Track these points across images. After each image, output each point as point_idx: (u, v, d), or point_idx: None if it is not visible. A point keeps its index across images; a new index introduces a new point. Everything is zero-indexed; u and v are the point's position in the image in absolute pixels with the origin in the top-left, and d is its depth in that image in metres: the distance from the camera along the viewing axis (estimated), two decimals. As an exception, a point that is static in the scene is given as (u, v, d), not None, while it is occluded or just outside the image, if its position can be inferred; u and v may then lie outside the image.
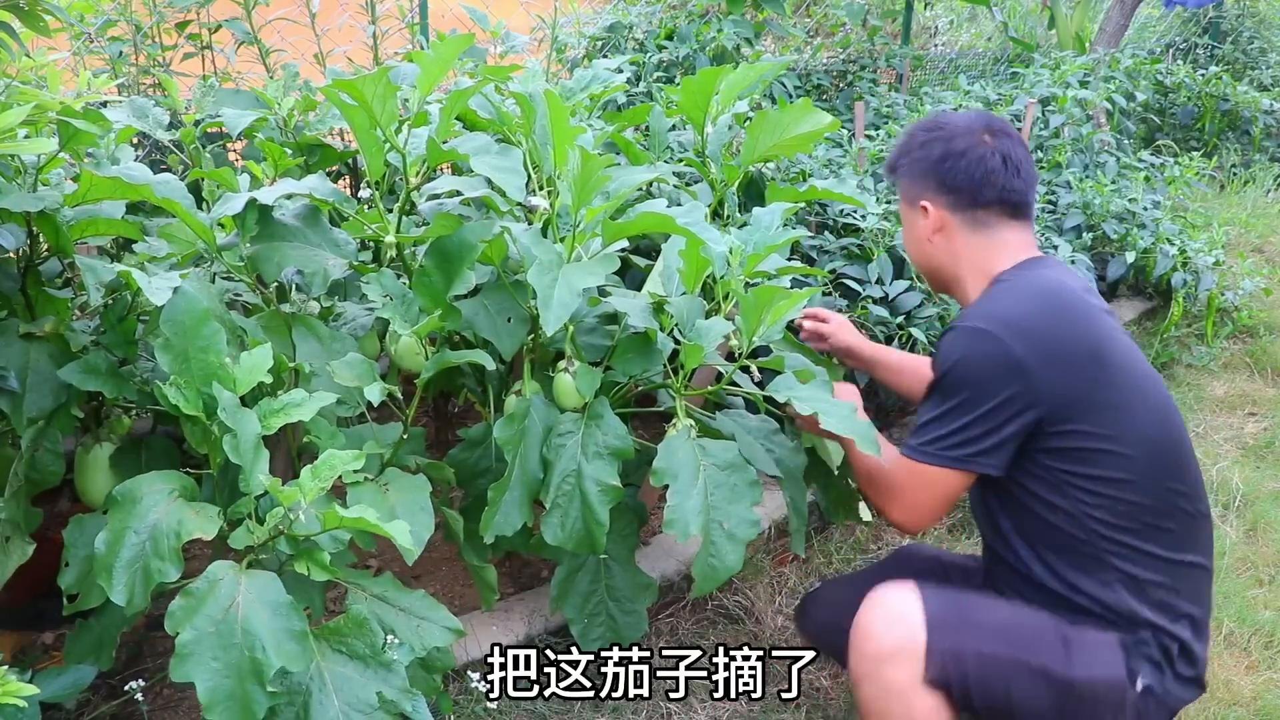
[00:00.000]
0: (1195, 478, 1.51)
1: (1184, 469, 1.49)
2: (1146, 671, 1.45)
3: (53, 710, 1.70)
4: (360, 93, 1.48)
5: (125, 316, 1.61)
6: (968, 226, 1.58)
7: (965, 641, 1.44)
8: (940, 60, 5.46)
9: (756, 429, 1.78)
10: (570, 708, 1.87)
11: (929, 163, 1.59)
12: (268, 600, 1.29)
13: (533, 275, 1.46)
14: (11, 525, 1.52)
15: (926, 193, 1.60)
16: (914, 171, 1.61)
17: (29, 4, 1.49)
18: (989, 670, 1.43)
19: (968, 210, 1.57)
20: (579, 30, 3.82)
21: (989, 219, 1.57)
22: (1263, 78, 6.17)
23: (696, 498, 1.58)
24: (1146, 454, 1.45)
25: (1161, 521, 1.46)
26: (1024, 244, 1.59)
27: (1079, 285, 1.54)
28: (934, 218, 1.59)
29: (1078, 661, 1.43)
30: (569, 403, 1.69)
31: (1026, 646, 1.44)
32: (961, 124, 1.59)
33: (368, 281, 1.58)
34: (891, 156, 1.68)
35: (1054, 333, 1.45)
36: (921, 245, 1.64)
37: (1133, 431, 1.45)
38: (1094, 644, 1.45)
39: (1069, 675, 1.42)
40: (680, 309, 1.68)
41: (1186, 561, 1.47)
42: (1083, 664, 1.43)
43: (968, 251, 1.59)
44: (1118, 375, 1.46)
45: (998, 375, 1.44)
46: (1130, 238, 3.43)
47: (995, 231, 1.58)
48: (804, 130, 1.90)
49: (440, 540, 1.72)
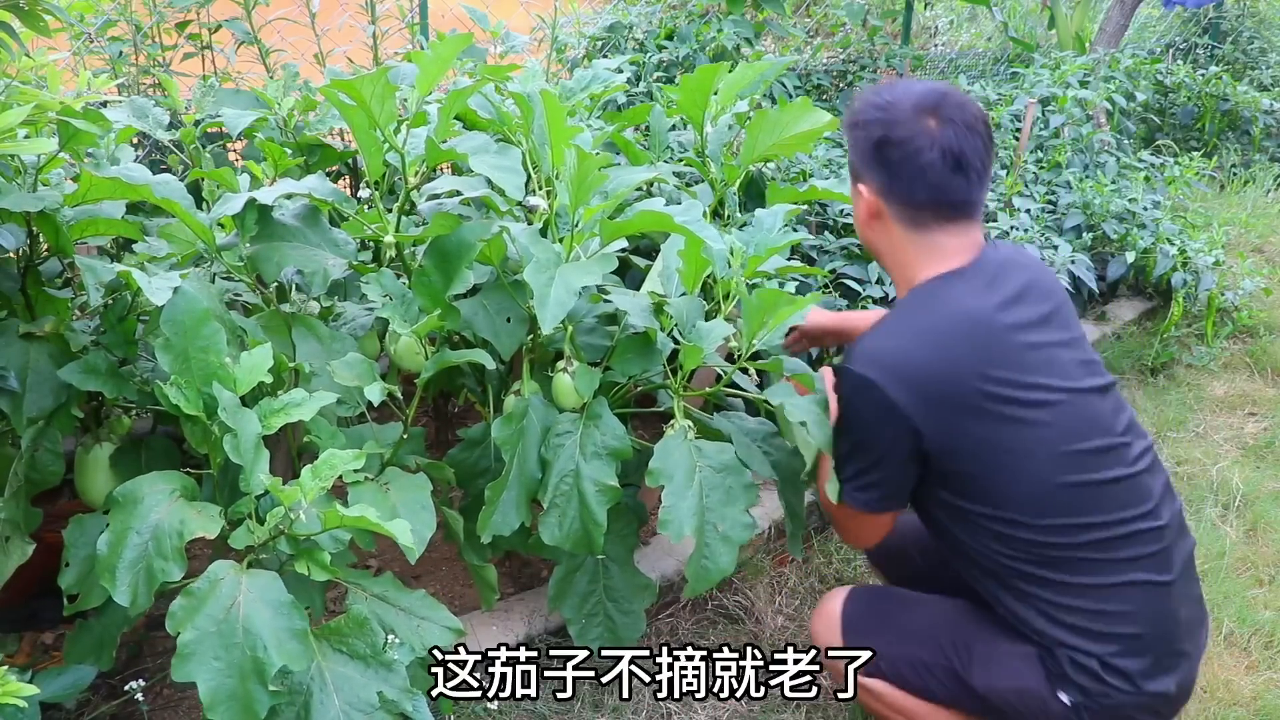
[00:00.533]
0: (1124, 500, 1.41)
1: (1096, 502, 1.40)
2: (1070, 687, 1.41)
3: (53, 710, 1.70)
4: (359, 93, 1.48)
5: (125, 316, 1.61)
6: (903, 221, 1.45)
7: (876, 643, 1.57)
8: (940, 60, 5.46)
9: (755, 431, 1.78)
10: (570, 708, 1.87)
11: (869, 143, 1.43)
12: (269, 599, 1.29)
13: (530, 274, 1.46)
14: (11, 525, 1.52)
15: (865, 174, 1.46)
16: (856, 149, 1.47)
17: (29, 4, 1.49)
18: (901, 670, 1.55)
19: (903, 205, 1.43)
20: (579, 30, 3.82)
21: (924, 219, 1.43)
22: (1263, 78, 6.16)
23: (691, 499, 1.59)
24: (1040, 495, 1.39)
25: (1072, 553, 1.40)
26: (960, 250, 1.45)
27: (992, 304, 1.41)
28: (868, 203, 1.47)
29: (978, 671, 1.49)
30: (568, 403, 1.69)
31: (933, 651, 1.53)
32: (907, 104, 1.40)
33: (367, 281, 1.58)
34: (845, 117, 1.52)
35: (937, 376, 1.38)
36: (861, 226, 1.53)
37: (1023, 473, 1.38)
38: (1005, 655, 1.47)
39: (970, 683, 1.49)
40: (680, 309, 1.68)
41: (1114, 584, 1.40)
42: (983, 674, 1.48)
43: (901, 246, 1.47)
44: (1011, 413, 1.38)
45: (880, 420, 1.40)
46: (1130, 238, 3.43)
47: (930, 234, 1.44)
48: (803, 129, 1.90)
49: (440, 540, 1.72)
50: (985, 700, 1.49)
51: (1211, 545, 2.40)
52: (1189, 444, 2.89)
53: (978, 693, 1.48)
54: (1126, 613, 1.40)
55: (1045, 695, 1.43)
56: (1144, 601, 1.41)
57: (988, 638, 1.50)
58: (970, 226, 1.46)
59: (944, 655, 1.52)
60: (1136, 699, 1.40)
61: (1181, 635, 1.44)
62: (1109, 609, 1.40)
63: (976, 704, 1.51)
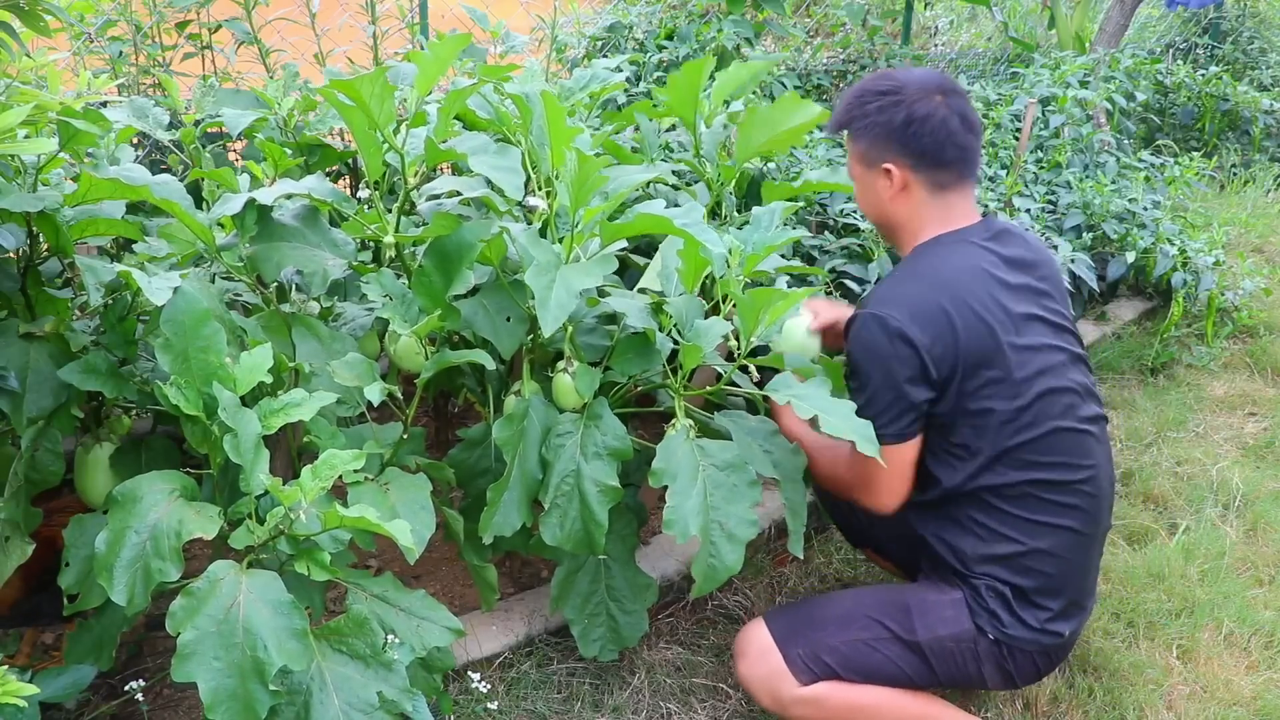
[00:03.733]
0: (1070, 450, 1.60)
1: (1049, 446, 1.59)
2: (987, 621, 1.60)
3: (53, 710, 1.71)
4: (358, 93, 1.47)
5: (125, 316, 1.61)
6: (927, 188, 1.65)
7: (815, 640, 1.64)
8: (940, 60, 5.46)
9: (755, 430, 1.78)
10: (570, 708, 1.87)
11: (891, 127, 1.62)
12: (269, 599, 1.29)
13: (530, 276, 1.46)
14: (11, 525, 1.52)
15: (889, 154, 1.64)
16: (873, 134, 1.65)
17: (29, 4, 1.48)
18: (848, 654, 1.62)
19: (930, 171, 1.64)
20: (579, 30, 3.82)
21: (948, 180, 1.64)
22: (1263, 78, 6.16)
23: (696, 498, 1.58)
24: (1007, 431, 1.57)
25: (1022, 488, 1.59)
26: (965, 208, 1.67)
27: (992, 260, 1.63)
28: (898, 179, 1.64)
29: (920, 625, 1.62)
30: (568, 403, 1.69)
31: (870, 625, 1.63)
32: (916, 86, 1.63)
33: (367, 281, 1.58)
34: (840, 116, 1.71)
35: (946, 321, 1.56)
36: (883, 205, 1.69)
37: (997, 409, 1.57)
38: (936, 605, 1.64)
39: (915, 638, 1.62)
40: (679, 309, 1.68)
41: (1048, 523, 1.59)
42: (925, 626, 1.62)
43: (922, 212, 1.66)
44: (996, 359, 1.57)
45: (900, 355, 1.56)
46: (1130, 238, 3.43)
47: (947, 196, 1.65)
48: (795, 123, 1.89)
49: (440, 540, 1.72)
50: (929, 653, 1.62)
51: (1211, 545, 2.40)
52: (1189, 444, 2.89)
53: (922, 647, 1.62)
54: (1049, 553, 1.60)
55: (974, 635, 1.61)
56: (1066, 547, 1.61)
57: (917, 596, 1.66)
58: (973, 187, 1.70)
59: (883, 627, 1.63)
60: (1038, 635, 1.60)
61: (1086, 590, 1.67)
62: (1037, 545, 1.59)
63: (922, 665, 1.63)
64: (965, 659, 1.62)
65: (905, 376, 1.56)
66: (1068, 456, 1.61)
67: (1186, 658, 2.05)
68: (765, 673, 1.64)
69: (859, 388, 1.61)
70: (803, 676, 1.62)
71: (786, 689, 1.62)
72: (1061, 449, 1.60)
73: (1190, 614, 2.17)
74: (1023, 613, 1.60)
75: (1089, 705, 1.91)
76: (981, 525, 1.62)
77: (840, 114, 1.71)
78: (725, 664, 2.01)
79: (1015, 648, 1.62)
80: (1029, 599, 1.61)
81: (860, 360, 1.60)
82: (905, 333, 1.55)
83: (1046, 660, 1.65)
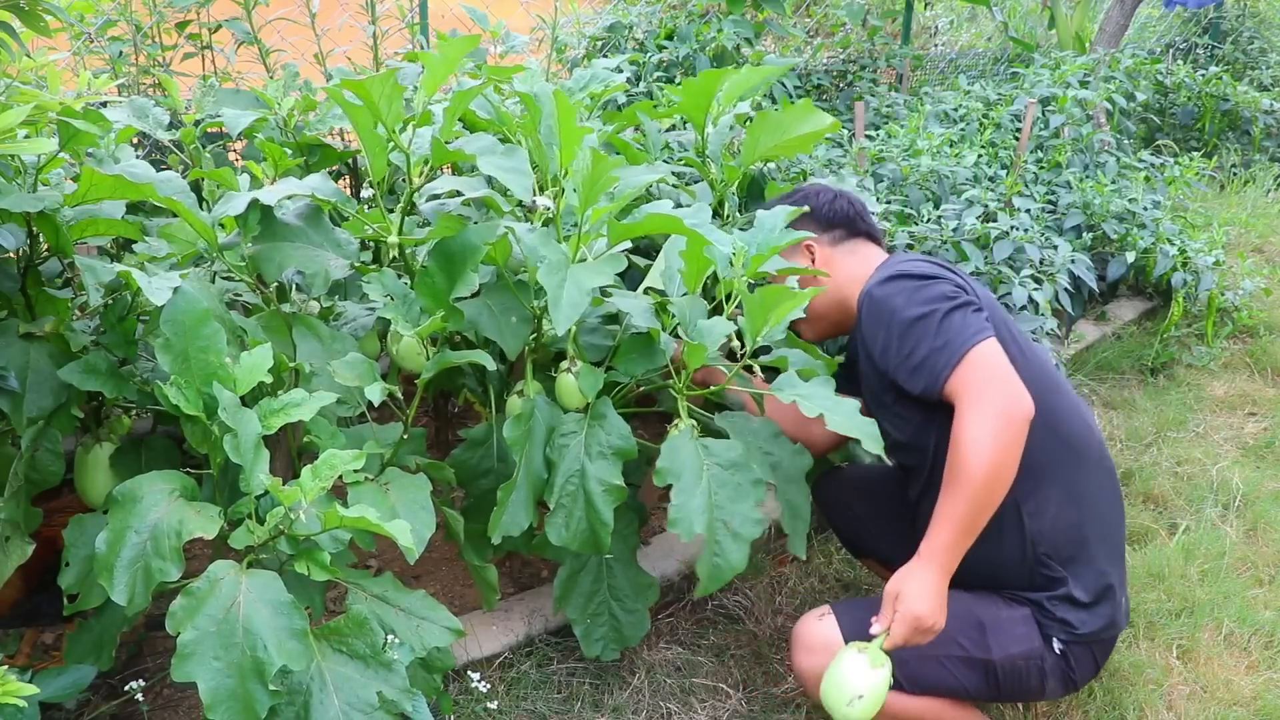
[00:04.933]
0: (1082, 413, 1.65)
1: (1068, 409, 1.63)
2: (1058, 631, 1.59)
3: (53, 710, 1.71)
4: (367, 93, 1.47)
5: (125, 316, 1.61)
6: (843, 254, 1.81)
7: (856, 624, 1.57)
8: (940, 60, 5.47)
9: (757, 431, 1.77)
10: (570, 707, 1.87)
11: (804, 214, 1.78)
12: (269, 599, 1.29)
13: (543, 275, 1.45)
14: (11, 525, 1.52)
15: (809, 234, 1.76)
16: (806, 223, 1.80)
17: (29, 4, 1.48)
18: (915, 668, 1.57)
19: (845, 240, 1.81)
20: (579, 30, 3.82)
21: (857, 246, 1.81)
22: (1263, 78, 6.16)
23: (700, 497, 1.58)
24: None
25: (1052, 452, 1.59)
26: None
27: None
28: (818, 253, 1.79)
29: (994, 644, 1.58)
30: (571, 403, 1.69)
31: (943, 641, 1.55)
32: (810, 187, 1.86)
33: (369, 281, 1.58)
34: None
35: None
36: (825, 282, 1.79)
37: (1022, 369, 1.55)
38: (1007, 622, 1.60)
39: (989, 657, 1.58)
40: (682, 309, 1.68)
41: (1084, 476, 1.60)
42: (999, 645, 1.58)
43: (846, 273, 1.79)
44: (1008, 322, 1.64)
45: (937, 269, 1.61)
46: (1130, 238, 3.43)
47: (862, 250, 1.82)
48: (805, 131, 1.90)
49: (440, 540, 1.72)
50: (999, 672, 1.59)
51: (1211, 545, 2.40)
52: (1189, 444, 2.89)
53: (995, 666, 1.58)
54: (1094, 504, 1.61)
55: (1043, 651, 1.59)
56: (1106, 497, 1.63)
57: (990, 611, 1.61)
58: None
59: (956, 644, 1.58)
60: (1106, 626, 1.60)
61: (1120, 549, 1.66)
62: (1081, 493, 1.60)
63: (985, 683, 1.60)
64: (1030, 675, 1.60)
65: (950, 287, 1.56)
66: (1083, 417, 1.65)
67: (1186, 658, 2.05)
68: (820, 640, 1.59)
69: (910, 330, 1.53)
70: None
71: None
72: (1074, 410, 1.64)
73: (1190, 614, 2.17)
74: (1089, 610, 1.59)
75: (1089, 705, 1.91)
76: (1017, 490, 1.52)
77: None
78: (725, 664, 2.01)
79: (1082, 647, 1.60)
80: (1076, 601, 1.59)
81: (898, 305, 1.56)
82: (930, 262, 1.61)
83: (1104, 650, 1.64)
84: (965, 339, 1.49)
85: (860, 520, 1.96)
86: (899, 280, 1.59)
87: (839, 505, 2.00)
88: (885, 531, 1.89)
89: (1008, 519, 1.57)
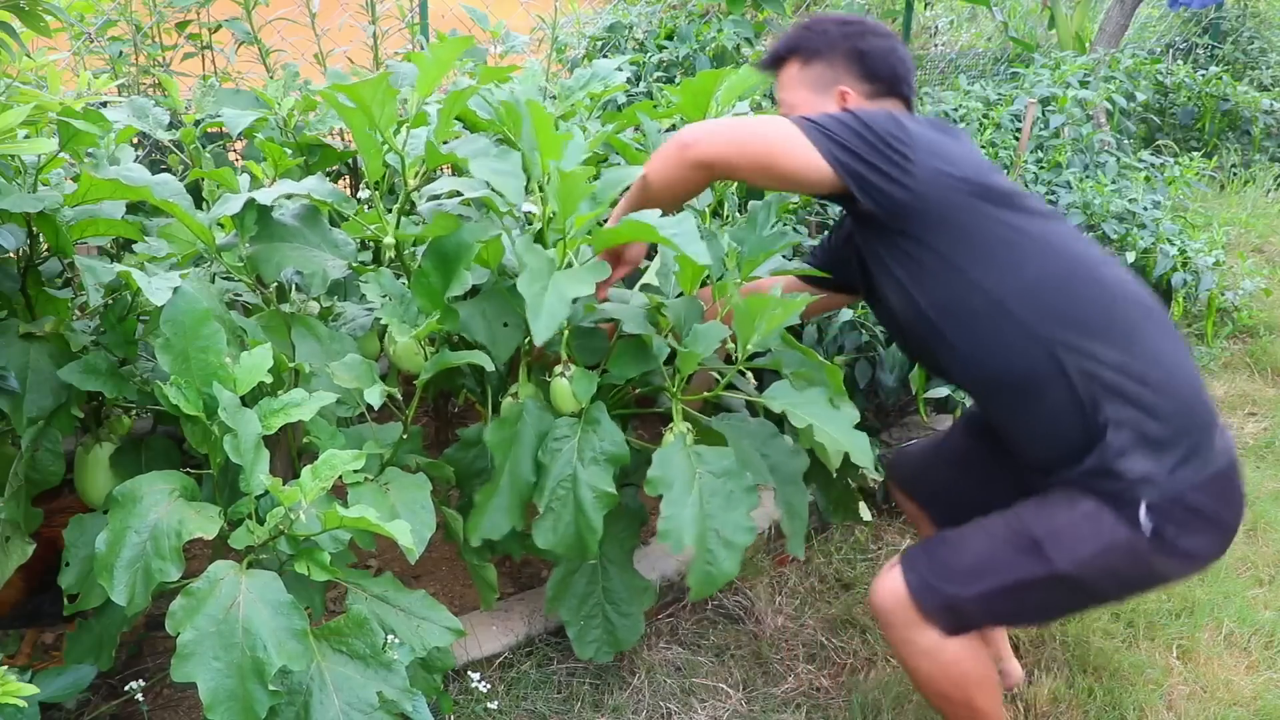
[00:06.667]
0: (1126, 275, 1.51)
1: (1104, 269, 1.50)
2: (1144, 510, 1.40)
3: (53, 710, 1.71)
4: (360, 97, 1.47)
5: (125, 316, 1.61)
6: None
7: (950, 594, 1.47)
8: (940, 60, 5.47)
9: (755, 433, 1.77)
10: (570, 708, 1.87)
11: (854, 52, 1.65)
12: (269, 600, 1.29)
13: (523, 284, 1.43)
14: (11, 525, 1.52)
15: (845, 79, 1.65)
16: (831, 58, 1.66)
17: (29, 4, 1.49)
18: (989, 605, 1.47)
19: (883, 102, 1.64)
20: (579, 30, 3.82)
21: (888, 106, 1.64)
22: (1263, 78, 6.16)
23: (691, 507, 1.58)
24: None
25: (1107, 310, 1.46)
26: None
27: None
28: (854, 105, 1.62)
29: (1057, 555, 1.43)
30: (566, 407, 1.69)
31: (1001, 572, 1.46)
32: (873, 23, 1.69)
33: (366, 281, 1.58)
34: (792, 40, 1.70)
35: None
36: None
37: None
38: (1068, 526, 1.44)
39: (1056, 570, 1.43)
40: (677, 311, 1.67)
41: (1141, 333, 1.45)
42: (1063, 555, 1.43)
43: None
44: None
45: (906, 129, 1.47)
46: (1130, 238, 3.43)
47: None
48: (806, 131, 1.90)
49: (440, 540, 1.72)
50: (1083, 579, 1.44)
51: (1211, 545, 2.40)
52: (1189, 444, 2.89)
53: (1074, 576, 1.43)
54: (1162, 361, 1.43)
55: (1129, 536, 1.40)
56: (1174, 354, 1.45)
57: (1043, 523, 1.47)
58: None
59: (1015, 571, 1.46)
60: (1188, 472, 1.40)
61: (1211, 412, 1.47)
62: (1142, 349, 1.43)
63: (1080, 592, 1.47)
64: (1126, 567, 1.43)
65: (870, 134, 1.46)
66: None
67: (1186, 658, 2.05)
68: (902, 620, 1.50)
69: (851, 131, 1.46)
70: (943, 625, 1.47)
71: (923, 636, 1.49)
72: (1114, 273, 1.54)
73: (1190, 614, 2.17)
74: (1164, 454, 1.40)
75: (1089, 705, 1.91)
76: (1081, 353, 1.44)
77: (792, 39, 1.69)
78: (725, 664, 2.01)
79: (1180, 506, 1.41)
80: (1156, 433, 1.41)
81: (840, 120, 1.48)
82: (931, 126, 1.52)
83: (1221, 497, 1.45)
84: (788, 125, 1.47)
85: (942, 488, 1.85)
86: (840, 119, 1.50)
87: (920, 483, 1.89)
88: (967, 491, 1.76)
89: (1047, 369, 1.45)
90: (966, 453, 1.81)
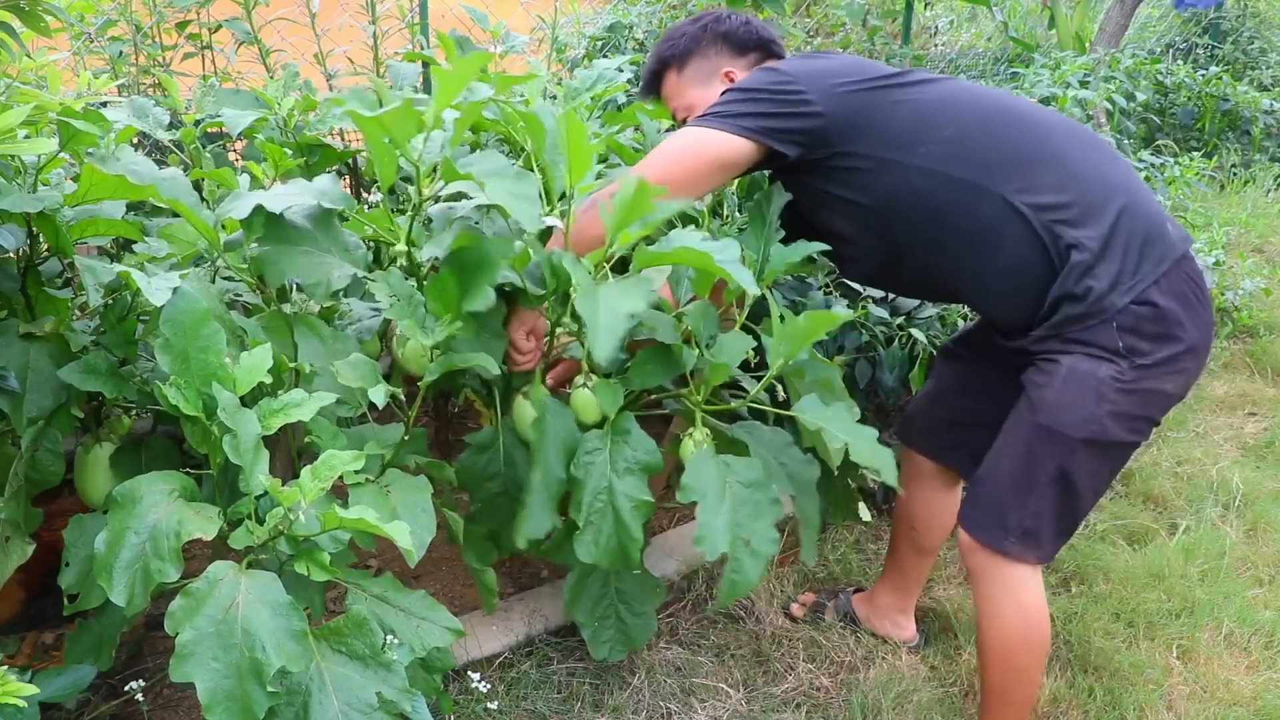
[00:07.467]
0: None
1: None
2: (1116, 332, 1.48)
3: (53, 710, 1.71)
4: (388, 127, 1.46)
5: (125, 316, 1.61)
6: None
7: (1014, 522, 1.57)
8: (940, 60, 5.46)
9: (771, 441, 1.76)
10: (570, 708, 1.87)
11: (723, 38, 1.83)
12: (268, 600, 1.29)
13: (580, 302, 1.40)
14: (11, 525, 1.52)
15: (724, 62, 1.82)
16: (706, 52, 1.83)
17: (29, 4, 1.49)
18: (1052, 508, 1.55)
19: (752, 57, 1.83)
20: (579, 30, 3.82)
21: (763, 60, 1.82)
22: (1263, 78, 6.17)
23: (725, 515, 1.58)
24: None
25: (1036, 148, 1.56)
26: None
27: None
28: (739, 79, 1.73)
29: (1067, 426, 1.51)
30: (589, 418, 1.67)
31: (1037, 472, 1.54)
32: (719, 9, 1.88)
33: (375, 280, 1.57)
34: (658, 59, 1.88)
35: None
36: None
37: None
38: (1056, 398, 1.51)
39: (1072, 439, 1.51)
40: (695, 318, 1.67)
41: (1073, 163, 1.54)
42: (1070, 424, 1.51)
43: None
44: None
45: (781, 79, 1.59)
46: (1130, 238, 3.42)
47: None
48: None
49: (441, 540, 1.72)
50: (1100, 435, 1.51)
51: (1211, 545, 2.40)
52: (1189, 444, 2.89)
53: (1091, 442, 1.51)
54: (1096, 172, 1.53)
55: (1112, 371, 1.48)
56: (1104, 165, 1.55)
57: (1036, 409, 1.54)
58: None
59: (1047, 467, 1.54)
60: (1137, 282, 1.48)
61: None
62: (1078, 168, 1.53)
63: (1111, 447, 1.54)
64: (1124, 397, 1.50)
65: (779, 96, 1.60)
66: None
67: (1186, 658, 2.05)
68: (995, 575, 1.62)
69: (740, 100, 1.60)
70: (1034, 557, 1.58)
71: (1015, 578, 1.60)
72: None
73: (1190, 614, 2.17)
74: (1110, 273, 1.48)
75: (1089, 705, 1.91)
76: (1025, 196, 1.52)
77: (657, 56, 1.88)
78: (725, 664, 2.01)
79: (1146, 318, 1.48)
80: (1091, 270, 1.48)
81: (736, 92, 1.61)
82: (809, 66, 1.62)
83: (1181, 298, 1.50)
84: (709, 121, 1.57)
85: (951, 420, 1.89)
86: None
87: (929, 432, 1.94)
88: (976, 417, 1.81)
89: (1000, 214, 1.53)
90: (955, 376, 1.87)
